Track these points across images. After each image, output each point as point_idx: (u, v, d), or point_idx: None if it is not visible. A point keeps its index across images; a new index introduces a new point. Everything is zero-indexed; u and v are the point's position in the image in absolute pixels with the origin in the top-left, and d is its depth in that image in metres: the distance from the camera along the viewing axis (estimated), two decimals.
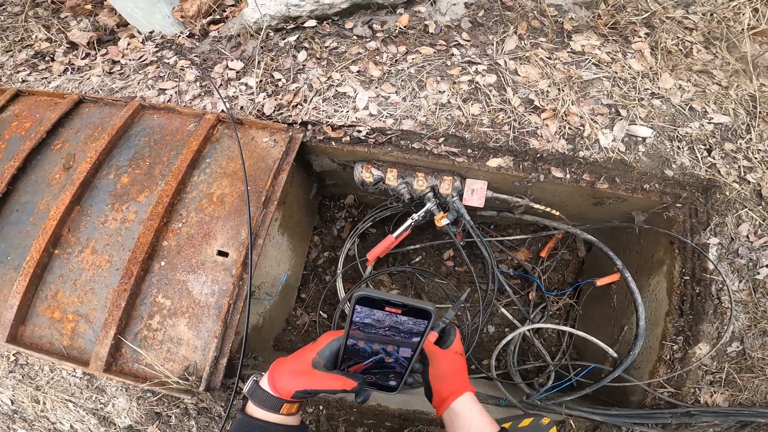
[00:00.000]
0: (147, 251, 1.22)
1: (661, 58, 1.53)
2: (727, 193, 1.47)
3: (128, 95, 1.58)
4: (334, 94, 1.42)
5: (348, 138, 1.43)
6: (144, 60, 1.70)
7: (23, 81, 1.77)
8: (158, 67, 1.64)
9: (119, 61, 1.74)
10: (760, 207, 1.48)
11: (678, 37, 1.58)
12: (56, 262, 1.25)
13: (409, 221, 1.67)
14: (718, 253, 1.49)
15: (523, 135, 1.40)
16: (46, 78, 1.75)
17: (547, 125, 1.40)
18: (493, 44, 1.49)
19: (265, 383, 0.73)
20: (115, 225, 1.29)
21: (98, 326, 1.20)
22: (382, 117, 1.39)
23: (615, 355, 1.66)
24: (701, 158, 1.48)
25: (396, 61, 1.46)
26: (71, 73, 1.75)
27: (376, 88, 1.42)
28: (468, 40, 1.50)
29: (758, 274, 1.46)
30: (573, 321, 2.24)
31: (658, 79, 1.51)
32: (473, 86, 1.42)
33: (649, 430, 1.50)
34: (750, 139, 1.52)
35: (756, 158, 1.50)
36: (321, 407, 1.40)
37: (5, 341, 1.17)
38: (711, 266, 1.47)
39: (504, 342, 1.70)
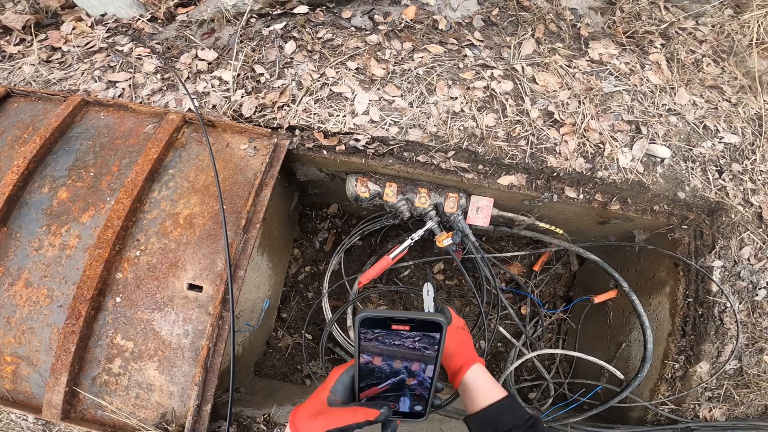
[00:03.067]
0: (97, 286, 0.97)
1: (677, 72, 1.44)
2: (732, 216, 1.44)
3: (69, 88, 1.28)
4: (329, 95, 1.21)
5: (343, 147, 1.23)
6: (91, 47, 1.40)
7: None
8: (108, 56, 1.35)
9: (60, 48, 1.42)
10: (761, 230, 1.47)
11: (691, 50, 1.50)
12: None
13: (408, 242, 1.50)
14: (722, 275, 1.47)
15: (541, 152, 1.26)
16: None
17: (566, 141, 1.27)
18: (509, 47, 1.33)
19: None
20: (52, 252, 1.02)
21: (44, 369, 1.01)
22: (385, 124, 1.19)
23: (622, 377, 1.62)
24: (712, 180, 1.43)
25: (401, 59, 1.27)
26: (1, 61, 1.42)
27: (379, 89, 1.22)
28: (481, 41, 1.33)
29: (757, 295, 1.47)
30: (564, 335, 2.18)
31: (674, 94, 1.41)
32: (488, 93, 1.26)
33: None
34: (755, 160, 1.49)
35: (759, 180, 1.47)
36: None
37: None
38: (715, 288, 1.46)
39: (513, 366, 1.59)
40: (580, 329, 2.06)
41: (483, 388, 0.77)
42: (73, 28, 1.56)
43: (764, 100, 1.56)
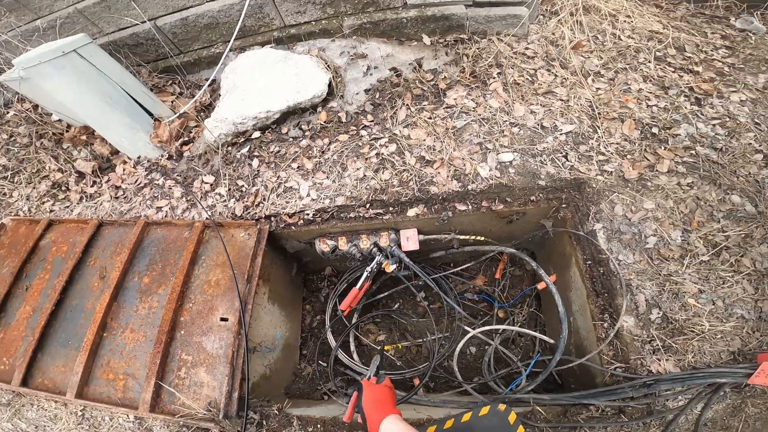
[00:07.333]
0: (170, 326, 2.22)
1: (512, 91, 2.53)
2: (594, 185, 2.24)
3: (134, 215, 2.67)
4: (284, 190, 2.48)
5: (301, 221, 2.46)
6: (139, 183, 2.82)
7: (50, 211, 2.89)
8: (152, 189, 2.75)
9: (121, 186, 2.86)
10: (628, 188, 2.19)
11: (522, 69, 2.58)
12: (106, 342, 2.25)
13: (365, 274, 2.66)
14: (606, 235, 2.11)
15: (425, 185, 2.36)
16: (68, 207, 2.87)
17: (439, 172, 2.36)
18: (389, 119, 2.55)
19: None
20: (144, 311, 2.32)
21: (142, 380, 2.12)
22: (321, 199, 2.43)
23: (551, 341, 2.48)
24: (562, 164, 2.31)
25: (323, 152, 2.53)
26: (86, 200, 2.87)
27: (312, 177, 2.47)
28: (372, 120, 2.55)
29: (647, 243, 2.06)
30: (543, 326, 3.09)
31: (512, 110, 2.49)
32: (380, 158, 2.45)
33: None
34: (598, 137, 2.38)
35: (610, 150, 2.33)
36: (319, 425, 2.29)
37: (74, 398, 2.08)
38: (602, 247, 2.08)
39: (459, 346, 2.61)
40: (545, 315, 2.98)
41: None
42: (124, 170, 3.02)
43: (597, 87, 2.57)
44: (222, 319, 2.23)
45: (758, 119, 2.49)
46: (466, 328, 2.78)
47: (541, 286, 2.64)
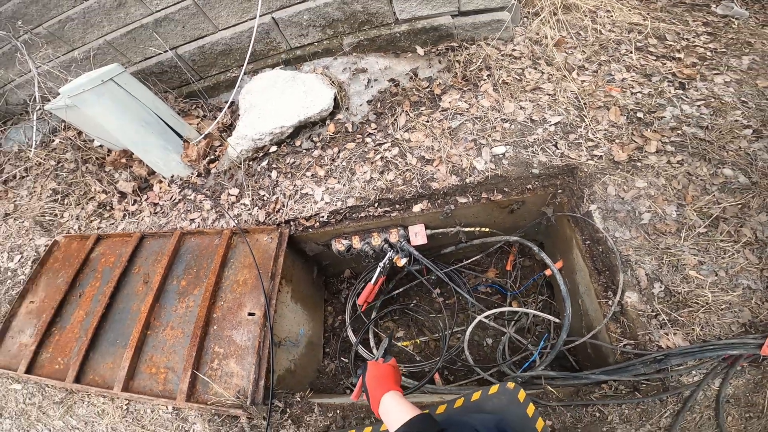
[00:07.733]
0: (204, 322, 2.47)
1: (501, 91, 2.73)
2: (585, 170, 2.40)
3: (171, 227, 2.97)
4: (300, 196, 2.73)
5: (317, 223, 2.70)
6: (174, 199, 3.13)
7: (98, 228, 3.23)
8: (185, 203, 3.05)
9: (158, 203, 3.18)
10: (618, 170, 2.33)
11: (510, 69, 2.79)
12: (149, 339, 2.51)
13: (378, 269, 2.86)
14: (602, 214, 2.23)
15: (426, 182, 2.58)
16: (113, 223, 3.20)
17: (439, 169, 2.58)
18: (390, 125, 2.78)
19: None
20: (182, 310, 2.58)
21: (180, 373, 2.37)
22: (334, 202, 2.66)
23: (557, 320, 2.60)
24: (553, 152, 2.50)
25: (333, 159, 2.78)
26: (129, 217, 3.20)
27: (325, 183, 2.71)
28: (375, 128, 2.80)
29: (642, 219, 2.14)
30: (557, 314, 3.19)
31: (502, 107, 2.70)
32: (385, 161, 2.68)
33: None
34: (586, 125, 2.55)
35: (598, 136, 2.49)
36: (338, 411, 2.49)
37: (120, 391, 2.34)
38: (598, 225, 2.19)
39: (469, 329, 2.76)
40: (558, 303, 3.06)
41: (396, 411, 1.15)
42: (160, 188, 3.34)
43: (581, 80, 2.75)
44: (249, 314, 2.46)
45: (745, 98, 2.59)
46: (477, 316, 2.93)
47: (549, 273, 2.74)
